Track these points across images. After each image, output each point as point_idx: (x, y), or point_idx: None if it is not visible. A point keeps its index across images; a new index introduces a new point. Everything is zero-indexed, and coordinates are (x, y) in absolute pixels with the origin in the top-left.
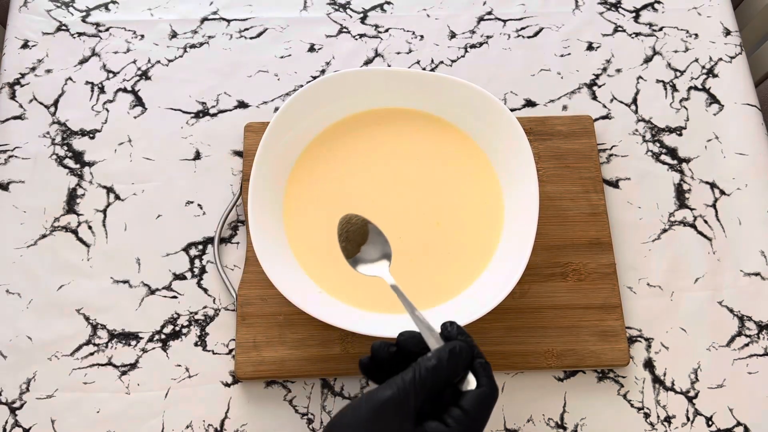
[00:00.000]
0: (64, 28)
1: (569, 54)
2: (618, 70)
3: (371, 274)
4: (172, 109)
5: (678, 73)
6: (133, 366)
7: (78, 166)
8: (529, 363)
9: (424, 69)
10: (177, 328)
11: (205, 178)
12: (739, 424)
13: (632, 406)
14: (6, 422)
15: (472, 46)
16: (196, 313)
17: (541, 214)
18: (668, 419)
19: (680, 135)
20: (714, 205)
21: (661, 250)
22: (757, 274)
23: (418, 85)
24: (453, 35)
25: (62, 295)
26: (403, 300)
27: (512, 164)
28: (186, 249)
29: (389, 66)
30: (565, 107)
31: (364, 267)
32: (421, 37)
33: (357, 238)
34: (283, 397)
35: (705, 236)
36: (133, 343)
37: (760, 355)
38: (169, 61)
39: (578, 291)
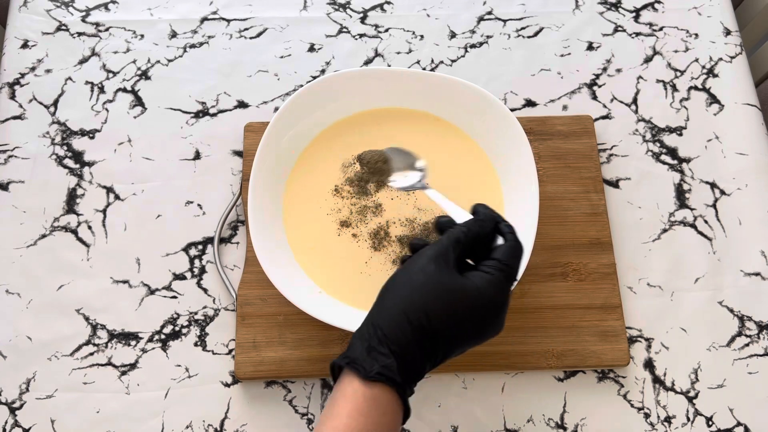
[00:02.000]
0: (63, 28)
1: (569, 54)
2: (618, 70)
3: (405, 185)
4: (172, 109)
5: (678, 73)
6: (133, 366)
7: (78, 166)
8: (530, 363)
9: (424, 69)
10: (177, 328)
11: (205, 178)
12: (739, 424)
13: (632, 406)
14: (6, 422)
15: (472, 46)
16: (195, 313)
17: (541, 214)
18: (668, 419)
19: (680, 135)
20: (714, 205)
21: (661, 250)
22: (757, 274)
23: (418, 85)
24: (453, 35)
25: (62, 295)
26: (437, 198)
27: (512, 164)
28: (186, 249)
29: (389, 66)
30: (565, 107)
31: (395, 182)
32: (421, 37)
33: (379, 164)
34: (283, 397)
35: (705, 236)
36: (133, 343)
37: (760, 355)
38: (169, 61)
39: (578, 291)
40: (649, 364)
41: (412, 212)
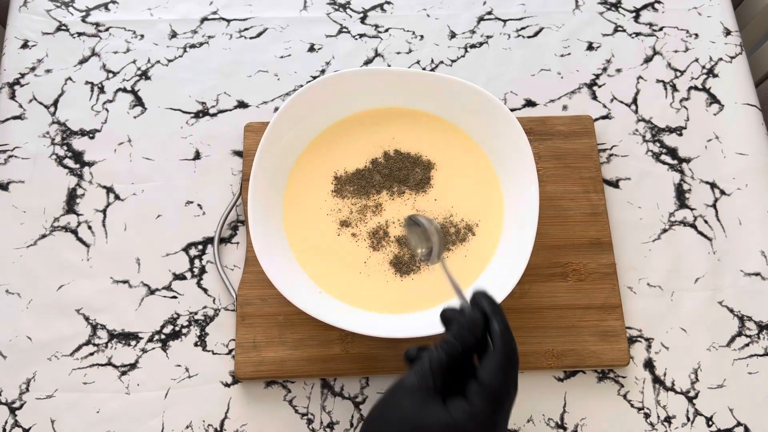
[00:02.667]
0: (63, 28)
1: (569, 54)
2: (618, 70)
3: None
4: (172, 109)
5: (678, 73)
6: (133, 366)
7: (78, 166)
8: (529, 363)
9: (424, 69)
10: (177, 328)
11: (205, 178)
12: (739, 424)
13: (632, 406)
14: (6, 422)
15: (472, 46)
16: (195, 313)
17: (541, 214)
18: (668, 419)
19: (680, 135)
20: (714, 205)
21: (661, 250)
22: (757, 274)
23: (418, 85)
24: (453, 35)
25: (62, 295)
26: (450, 280)
27: (512, 164)
28: (186, 249)
29: (389, 66)
30: (565, 107)
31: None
32: (421, 37)
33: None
34: (283, 397)
35: (705, 236)
36: (133, 343)
37: (760, 355)
38: (169, 61)
39: (578, 291)
40: (649, 364)
41: (410, 213)
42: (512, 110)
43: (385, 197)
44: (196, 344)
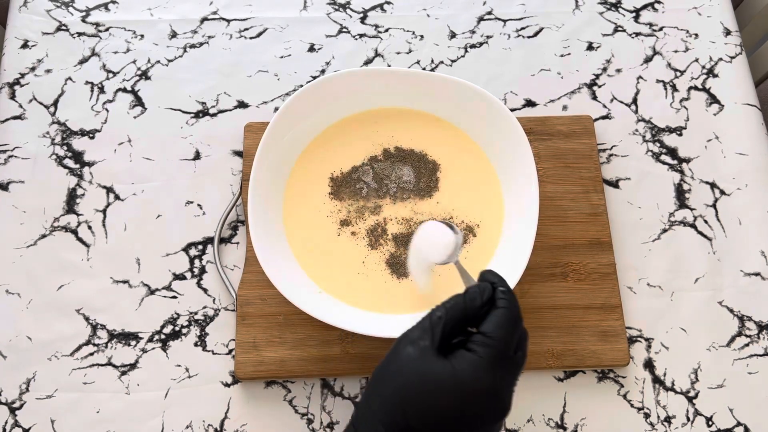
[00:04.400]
0: (63, 28)
1: (569, 54)
2: (618, 70)
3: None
4: (172, 109)
5: (678, 73)
6: (133, 366)
7: (78, 166)
8: (529, 363)
9: (424, 69)
10: (177, 328)
11: (205, 178)
12: (739, 424)
13: (632, 406)
14: (6, 422)
15: (472, 46)
16: (195, 313)
17: (541, 214)
18: (668, 419)
19: (680, 135)
20: (714, 205)
21: (661, 250)
22: (757, 274)
23: (418, 85)
24: (453, 35)
25: (62, 295)
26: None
27: (512, 164)
28: (186, 249)
29: (389, 66)
30: (565, 107)
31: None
32: (421, 37)
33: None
34: (283, 397)
35: (705, 236)
36: (133, 343)
37: (760, 355)
38: (169, 61)
39: (578, 291)
40: (649, 364)
41: (409, 213)
42: (512, 110)
43: (384, 197)
44: (196, 344)
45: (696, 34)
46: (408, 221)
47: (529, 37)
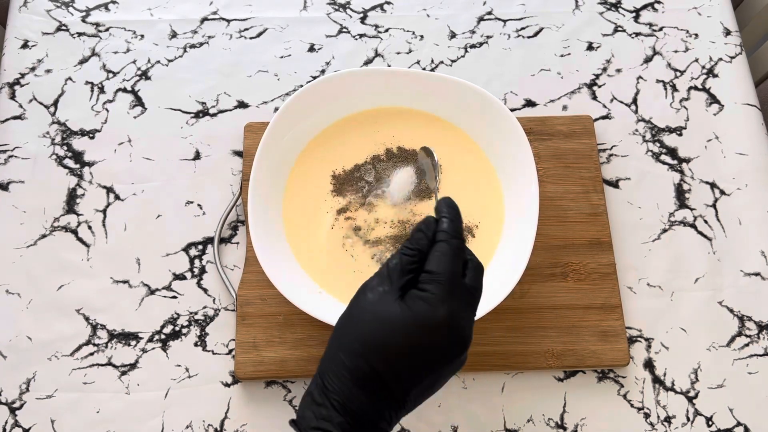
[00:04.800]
0: (64, 28)
1: (569, 54)
2: (618, 70)
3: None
4: (172, 109)
5: (678, 73)
6: (133, 366)
7: (78, 166)
8: (529, 363)
9: (424, 69)
10: (177, 328)
11: (205, 178)
12: (739, 424)
13: (632, 406)
14: (6, 422)
15: (472, 46)
16: (196, 313)
17: (541, 214)
18: (668, 419)
19: (680, 135)
20: (714, 205)
21: (661, 250)
22: (757, 274)
23: (418, 85)
24: (453, 35)
25: (62, 295)
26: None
27: (512, 164)
28: (186, 249)
29: (389, 66)
30: (565, 107)
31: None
32: (421, 37)
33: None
34: (283, 397)
35: (705, 236)
36: (133, 343)
37: (760, 355)
38: (169, 61)
39: (578, 291)
40: (649, 364)
41: (406, 215)
42: (512, 110)
43: (384, 198)
44: (196, 344)
45: (696, 34)
46: (404, 223)
47: (529, 37)
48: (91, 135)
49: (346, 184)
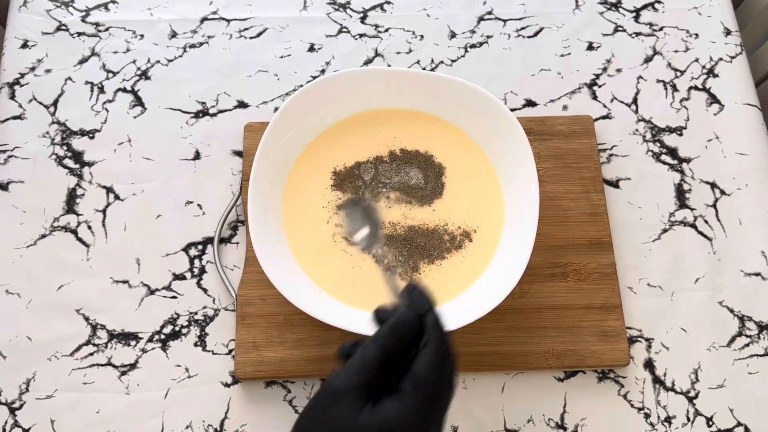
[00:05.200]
0: (63, 27)
1: (569, 54)
2: (618, 70)
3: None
4: (171, 109)
5: (678, 73)
6: (133, 366)
7: (78, 166)
8: (529, 363)
9: (424, 69)
10: (177, 328)
11: (205, 178)
12: (739, 424)
13: (632, 406)
14: (6, 422)
15: (472, 46)
16: (195, 314)
17: (541, 214)
18: (668, 419)
19: (680, 135)
20: (714, 205)
21: (661, 250)
22: (757, 274)
23: (418, 85)
24: (453, 35)
25: (62, 295)
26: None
27: (512, 164)
28: (186, 249)
29: (389, 66)
30: (565, 107)
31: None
32: (421, 37)
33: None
34: (283, 398)
35: (705, 236)
36: (133, 343)
37: (761, 355)
38: (169, 61)
39: (578, 291)
40: (649, 364)
41: (398, 217)
42: (512, 110)
43: (384, 198)
44: (196, 344)
45: (696, 34)
46: (395, 225)
47: (529, 37)
48: (90, 135)
49: (346, 181)
